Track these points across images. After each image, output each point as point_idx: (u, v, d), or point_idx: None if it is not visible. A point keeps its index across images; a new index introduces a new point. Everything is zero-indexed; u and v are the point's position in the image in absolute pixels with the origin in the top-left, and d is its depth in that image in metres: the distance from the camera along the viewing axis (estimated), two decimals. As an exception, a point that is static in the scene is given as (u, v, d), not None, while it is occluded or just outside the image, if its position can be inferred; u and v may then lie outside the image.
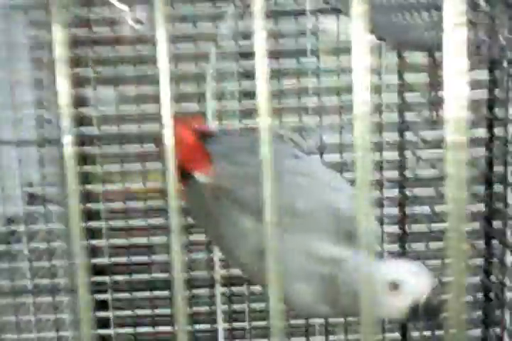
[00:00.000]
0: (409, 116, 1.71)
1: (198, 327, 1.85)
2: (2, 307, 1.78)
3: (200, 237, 1.76)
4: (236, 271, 1.76)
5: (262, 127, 0.39)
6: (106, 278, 1.86)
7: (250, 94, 1.79)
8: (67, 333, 1.87)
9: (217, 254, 1.79)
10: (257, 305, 1.83)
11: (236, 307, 1.86)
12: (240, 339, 1.86)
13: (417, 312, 1.11)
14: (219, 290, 1.81)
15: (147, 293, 1.86)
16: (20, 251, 1.82)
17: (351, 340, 1.85)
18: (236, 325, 1.86)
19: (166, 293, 1.83)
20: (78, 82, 1.79)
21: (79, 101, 1.84)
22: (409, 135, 1.70)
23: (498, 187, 1.56)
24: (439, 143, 1.52)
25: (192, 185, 1.35)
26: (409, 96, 1.72)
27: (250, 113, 1.74)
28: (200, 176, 1.32)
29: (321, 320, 1.83)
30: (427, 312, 1.11)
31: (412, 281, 1.12)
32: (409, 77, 1.68)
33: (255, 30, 0.40)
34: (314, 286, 1.20)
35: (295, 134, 1.55)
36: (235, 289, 1.84)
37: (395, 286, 1.11)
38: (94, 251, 1.90)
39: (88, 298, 0.37)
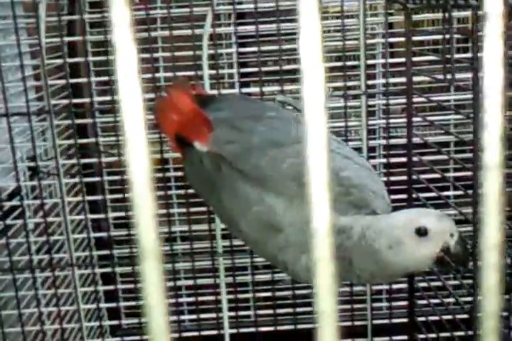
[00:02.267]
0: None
1: (202, 299, 1.83)
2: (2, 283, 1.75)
3: (202, 208, 1.74)
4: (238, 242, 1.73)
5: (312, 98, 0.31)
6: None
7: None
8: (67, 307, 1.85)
9: (219, 225, 1.75)
10: (261, 277, 1.82)
11: (239, 278, 1.84)
12: (243, 311, 1.84)
13: (446, 258, 1.06)
14: (222, 261, 1.78)
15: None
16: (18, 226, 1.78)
17: (357, 309, 1.83)
18: (240, 296, 1.84)
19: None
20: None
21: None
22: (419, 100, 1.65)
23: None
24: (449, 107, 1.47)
25: (191, 153, 1.30)
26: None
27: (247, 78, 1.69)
28: (200, 145, 1.27)
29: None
30: (456, 259, 1.06)
31: (439, 226, 1.05)
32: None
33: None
34: None
35: (296, 100, 1.49)
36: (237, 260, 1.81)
37: (422, 232, 1.05)
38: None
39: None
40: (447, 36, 1.28)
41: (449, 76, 1.33)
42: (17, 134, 1.81)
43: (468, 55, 1.61)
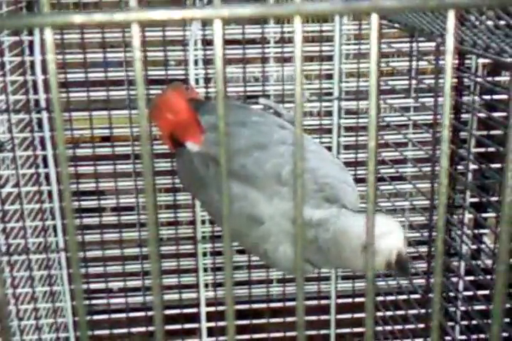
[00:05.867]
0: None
1: (183, 280, 1.98)
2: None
3: (184, 197, 1.87)
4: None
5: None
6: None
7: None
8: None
9: (199, 213, 1.88)
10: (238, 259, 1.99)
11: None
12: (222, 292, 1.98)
13: (390, 266, 1.20)
14: (200, 246, 1.92)
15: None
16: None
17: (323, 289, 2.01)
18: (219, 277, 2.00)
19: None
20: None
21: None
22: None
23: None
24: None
25: (182, 152, 1.43)
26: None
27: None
28: (191, 145, 1.40)
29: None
30: (398, 270, 1.21)
31: (385, 244, 1.18)
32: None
33: None
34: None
35: (277, 104, 1.62)
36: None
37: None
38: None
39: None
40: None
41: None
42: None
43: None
